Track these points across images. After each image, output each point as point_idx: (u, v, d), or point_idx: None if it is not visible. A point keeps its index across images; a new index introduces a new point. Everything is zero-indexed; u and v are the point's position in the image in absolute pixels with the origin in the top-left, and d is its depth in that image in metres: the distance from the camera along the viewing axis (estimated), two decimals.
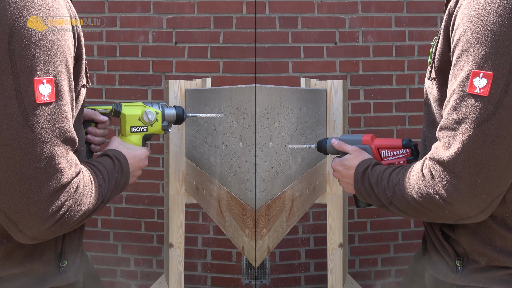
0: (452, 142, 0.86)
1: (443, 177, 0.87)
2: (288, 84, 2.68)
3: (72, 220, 0.87)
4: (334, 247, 1.74)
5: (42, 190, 0.81)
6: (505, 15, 0.80)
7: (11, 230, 0.83)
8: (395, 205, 0.99)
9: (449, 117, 0.87)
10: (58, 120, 0.83)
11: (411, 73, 2.80)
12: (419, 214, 0.95)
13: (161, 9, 2.74)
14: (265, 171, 1.14)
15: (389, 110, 2.81)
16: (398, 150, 1.18)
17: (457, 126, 0.85)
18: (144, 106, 1.25)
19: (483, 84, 0.82)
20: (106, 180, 1.00)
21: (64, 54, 0.84)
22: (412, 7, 2.78)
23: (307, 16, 2.75)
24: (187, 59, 2.75)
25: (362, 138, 1.22)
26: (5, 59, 0.77)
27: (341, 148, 1.22)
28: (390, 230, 2.84)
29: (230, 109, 1.25)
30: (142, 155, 1.19)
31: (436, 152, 0.89)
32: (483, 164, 0.83)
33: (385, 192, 1.01)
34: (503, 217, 0.91)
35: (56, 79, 0.82)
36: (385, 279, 2.87)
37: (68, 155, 0.85)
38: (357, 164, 1.13)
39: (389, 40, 2.78)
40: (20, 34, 0.78)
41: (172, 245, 1.70)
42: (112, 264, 2.82)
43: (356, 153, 1.17)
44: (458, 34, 0.86)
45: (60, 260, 0.97)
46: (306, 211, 1.60)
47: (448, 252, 0.99)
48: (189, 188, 1.68)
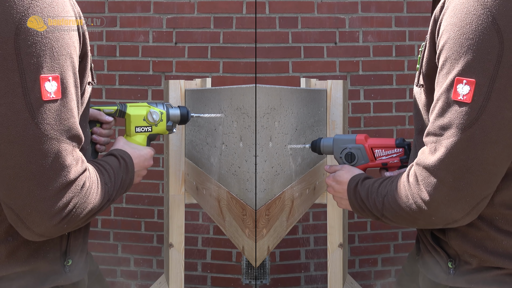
0: (437, 148, 0.88)
1: (427, 182, 0.89)
2: (288, 84, 2.68)
3: (79, 217, 0.87)
4: (334, 247, 1.74)
5: (49, 187, 0.81)
6: (486, 23, 0.82)
7: (19, 227, 0.83)
8: (387, 216, 1.01)
9: (435, 123, 0.89)
10: (64, 117, 0.83)
11: (411, 73, 2.80)
12: (411, 223, 0.97)
13: (161, 9, 2.74)
14: (265, 171, 1.14)
15: (389, 110, 2.81)
16: (391, 149, 1.20)
17: (443, 132, 0.87)
18: (149, 106, 1.26)
19: (466, 91, 0.84)
20: (112, 179, 1.00)
21: (69, 52, 0.84)
22: (412, 7, 2.78)
23: (307, 16, 2.74)
24: (187, 59, 2.75)
25: (356, 137, 1.24)
26: (11, 56, 0.77)
27: (332, 170, 1.25)
28: (390, 230, 2.84)
29: (230, 109, 1.25)
30: (147, 154, 1.20)
31: (423, 157, 0.91)
32: (467, 168, 0.85)
33: (375, 205, 1.03)
34: (492, 219, 0.92)
35: (62, 76, 0.82)
36: (385, 279, 2.87)
37: (74, 152, 0.86)
38: (349, 180, 1.15)
39: (389, 40, 2.78)
40: (26, 32, 0.78)
41: (172, 245, 1.70)
42: (112, 264, 2.82)
43: (346, 168, 1.20)
44: (443, 41, 0.88)
45: (65, 259, 0.97)
46: (306, 211, 1.60)
47: (440, 254, 0.99)
48: (189, 188, 1.68)
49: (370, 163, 1.22)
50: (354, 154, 1.23)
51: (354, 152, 1.23)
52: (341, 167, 1.21)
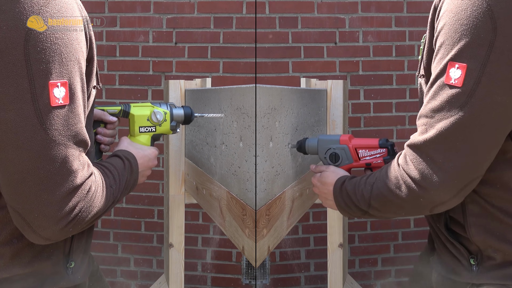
0: (428, 129, 0.90)
1: (418, 161, 0.91)
2: (288, 84, 2.68)
3: (84, 221, 0.88)
4: (334, 247, 1.74)
5: (56, 192, 0.82)
6: (481, 9, 0.84)
7: (25, 231, 0.84)
8: (373, 206, 1.02)
9: (427, 106, 0.91)
10: (71, 122, 0.84)
11: (411, 73, 2.80)
12: (398, 208, 0.98)
13: (161, 9, 2.74)
14: (266, 171, 1.14)
15: (389, 110, 2.81)
16: (375, 149, 1.21)
17: (434, 114, 0.89)
18: (152, 106, 1.26)
19: (458, 75, 0.86)
20: (116, 181, 1.01)
21: (77, 57, 0.85)
22: (412, 7, 2.78)
23: (307, 16, 2.74)
24: (187, 59, 2.75)
25: (340, 138, 1.25)
26: (21, 62, 0.77)
27: (317, 170, 1.26)
28: (390, 230, 2.83)
29: (230, 109, 1.25)
30: (151, 154, 1.21)
31: (413, 138, 0.94)
32: (456, 150, 0.87)
33: (362, 195, 1.04)
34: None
35: (70, 82, 0.83)
36: (385, 279, 2.87)
37: (80, 157, 0.87)
38: (335, 181, 1.16)
39: (389, 40, 2.78)
40: (36, 37, 0.78)
41: (172, 245, 1.70)
42: (112, 264, 2.82)
43: (331, 169, 1.21)
44: (439, 28, 0.91)
45: (68, 261, 0.97)
46: (306, 211, 1.60)
47: (460, 251, 0.98)
48: (189, 188, 1.68)
49: (354, 163, 1.23)
50: (338, 154, 1.24)
51: (338, 153, 1.24)
52: (327, 168, 1.23)
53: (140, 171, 1.15)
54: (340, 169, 1.22)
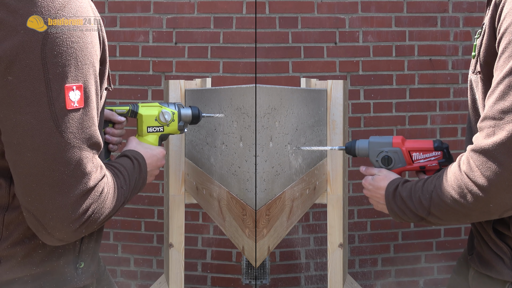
0: (496, 131, 0.85)
1: (486, 167, 0.86)
2: (288, 84, 2.68)
3: (96, 222, 0.89)
4: (334, 247, 1.74)
5: (70, 194, 0.83)
6: None
7: (39, 232, 0.85)
8: (434, 214, 0.98)
9: (495, 107, 0.86)
10: (86, 125, 0.85)
11: (411, 73, 2.80)
12: (463, 217, 0.94)
13: (161, 9, 2.74)
14: (265, 171, 1.14)
15: (389, 110, 2.81)
16: (429, 152, 1.18)
17: (503, 115, 0.84)
18: (160, 106, 1.27)
19: None
20: (127, 181, 1.02)
21: (92, 61, 0.86)
22: (412, 7, 2.78)
23: (307, 16, 2.74)
24: (187, 59, 2.75)
25: (392, 140, 1.21)
26: (37, 66, 0.78)
27: (368, 172, 1.22)
28: (390, 230, 2.83)
29: (230, 109, 1.25)
30: (160, 154, 1.21)
31: (478, 142, 0.88)
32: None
33: (421, 203, 1.00)
34: None
35: (85, 85, 0.84)
36: (385, 279, 2.87)
37: (94, 159, 0.87)
38: (387, 185, 1.13)
39: (389, 40, 2.78)
40: (53, 41, 0.79)
41: (172, 245, 1.70)
42: (112, 264, 2.82)
43: (384, 173, 1.18)
44: (505, 25, 0.86)
45: (78, 261, 0.98)
46: (306, 211, 1.60)
47: (503, 249, 0.98)
48: (189, 188, 1.68)
49: (407, 166, 1.20)
50: (391, 157, 1.20)
51: (391, 156, 1.20)
52: (379, 171, 1.19)
53: (149, 171, 1.16)
54: (392, 172, 1.18)
